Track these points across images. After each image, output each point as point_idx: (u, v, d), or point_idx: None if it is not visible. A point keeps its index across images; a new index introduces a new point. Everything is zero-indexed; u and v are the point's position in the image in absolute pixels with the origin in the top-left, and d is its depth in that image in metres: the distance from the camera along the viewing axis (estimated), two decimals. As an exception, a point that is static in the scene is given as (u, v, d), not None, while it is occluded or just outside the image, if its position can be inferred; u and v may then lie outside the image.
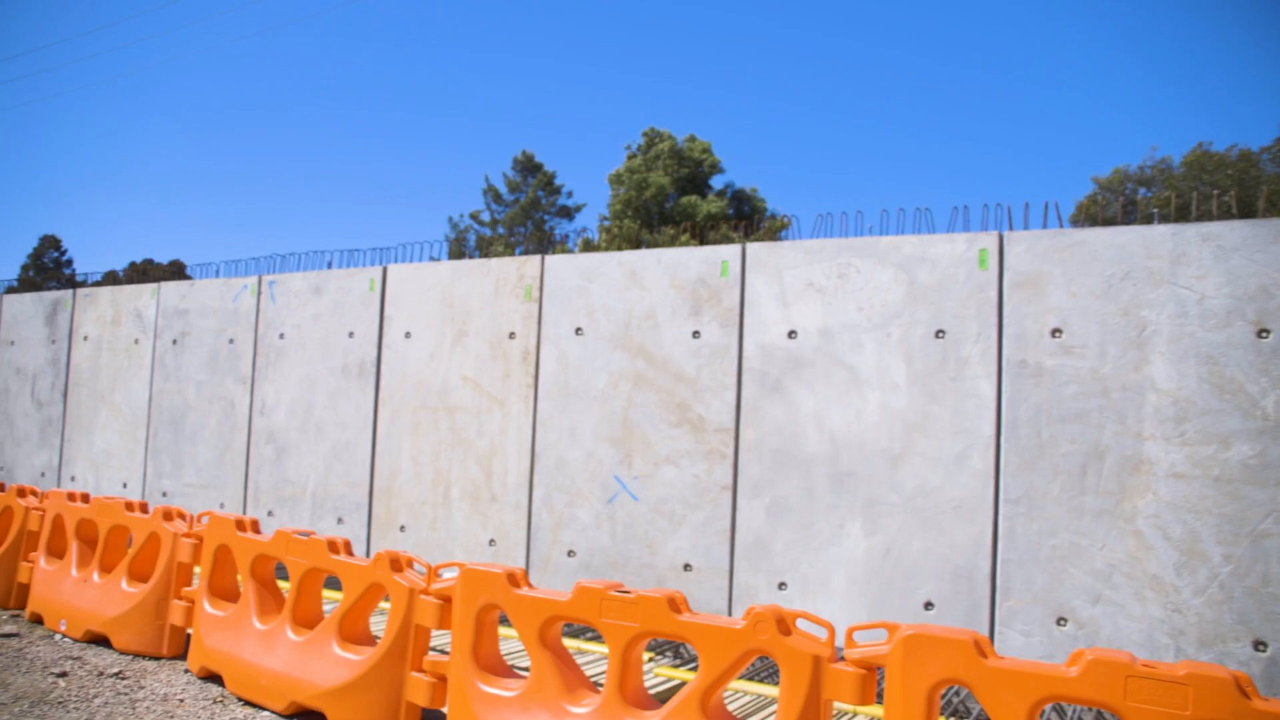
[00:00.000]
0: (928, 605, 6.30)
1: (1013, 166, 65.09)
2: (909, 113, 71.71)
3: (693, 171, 36.14)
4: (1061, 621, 5.88)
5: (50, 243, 51.97)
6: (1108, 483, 5.85)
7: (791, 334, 6.94)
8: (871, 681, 3.50)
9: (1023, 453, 6.12)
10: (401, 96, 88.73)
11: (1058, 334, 6.08)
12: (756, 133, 71.01)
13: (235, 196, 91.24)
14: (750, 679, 5.69)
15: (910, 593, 6.37)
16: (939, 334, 6.45)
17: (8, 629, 6.36)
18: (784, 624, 3.66)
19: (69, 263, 52.14)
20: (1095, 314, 5.99)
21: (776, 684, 4.99)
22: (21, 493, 7.29)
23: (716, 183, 37.30)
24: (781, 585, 6.80)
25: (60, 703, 4.88)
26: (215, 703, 5.02)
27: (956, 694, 5.58)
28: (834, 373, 6.76)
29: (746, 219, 32.44)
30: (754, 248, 7.24)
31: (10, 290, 13.72)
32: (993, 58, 71.20)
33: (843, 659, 3.56)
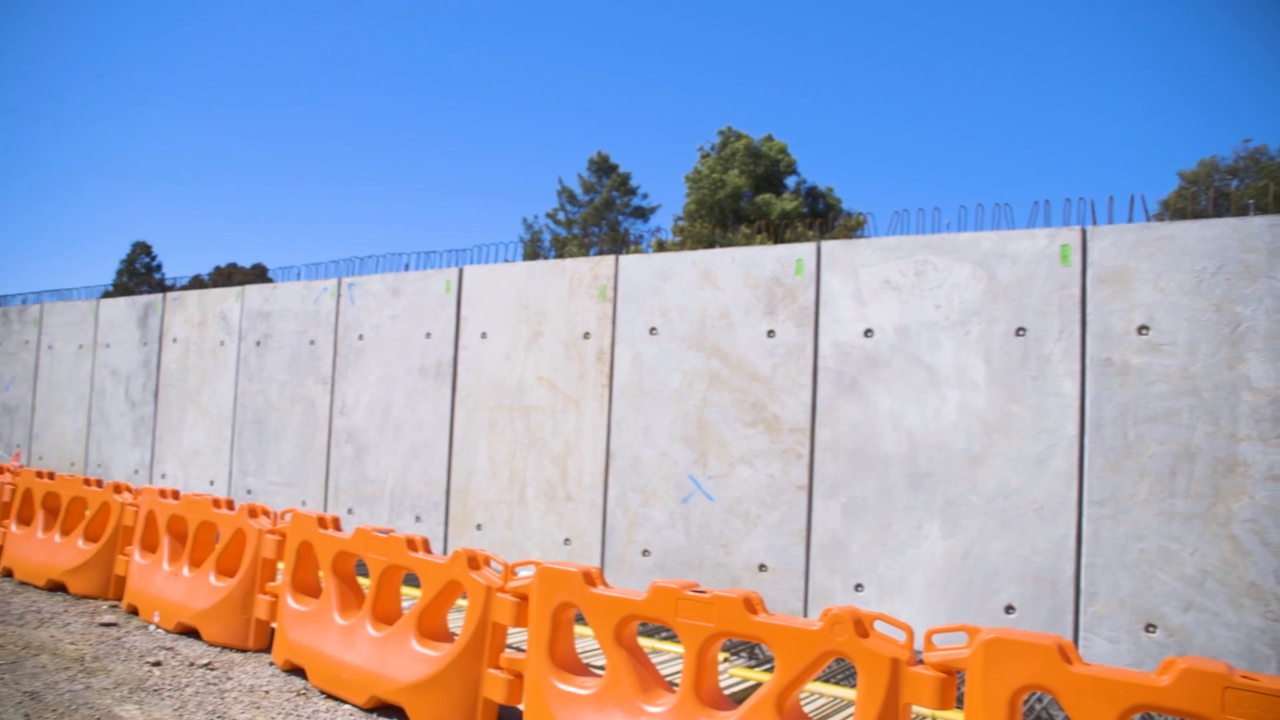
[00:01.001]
0: (1008, 609, 6.16)
1: (1093, 165, 63.26)
2: (986, 113, 70.25)
3: (768, 171, 35.91)
4: (1150, 628, 5.70)
5: (142, 249, 53.87)
6: (1199, 485, 5.65)
7: (868, 333, 6.85)
8: (951, 686, 3.44)
9: (1108, 453, 5.95)
10: (477, 98, 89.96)
11: (1144, 331, 5.90)
12: (832, 132, 70.28)
13: (314, 201, 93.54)
14: (826, 681, 5.63)
15: (990, 596, 6.24)
16: (1019, 332, 6.30)
17: (107, 619, 6.61)
18: (861, 626, 3.61)
19: (159, 268, 54.00)
20: (1185, 310, 5.79)
21: (853, 687, 4.93)
22: (117, 489, 7.57)
23: (791, 183, 37.04)
24: (858, 587, 6.72)
25: (155, 690, 5.06)
26: (299, 695, 5.15)
27: (1039, 700, 5.45)
28: (911, 372, 6.66)
29: (821, 217, 32.11)
30: (829, 246, 7.17)
31: (106, 295, 14.27)
32: (1068, 60, 69.32)
33: (921, 662, 3.50)
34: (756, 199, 34.54)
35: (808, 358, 7.10)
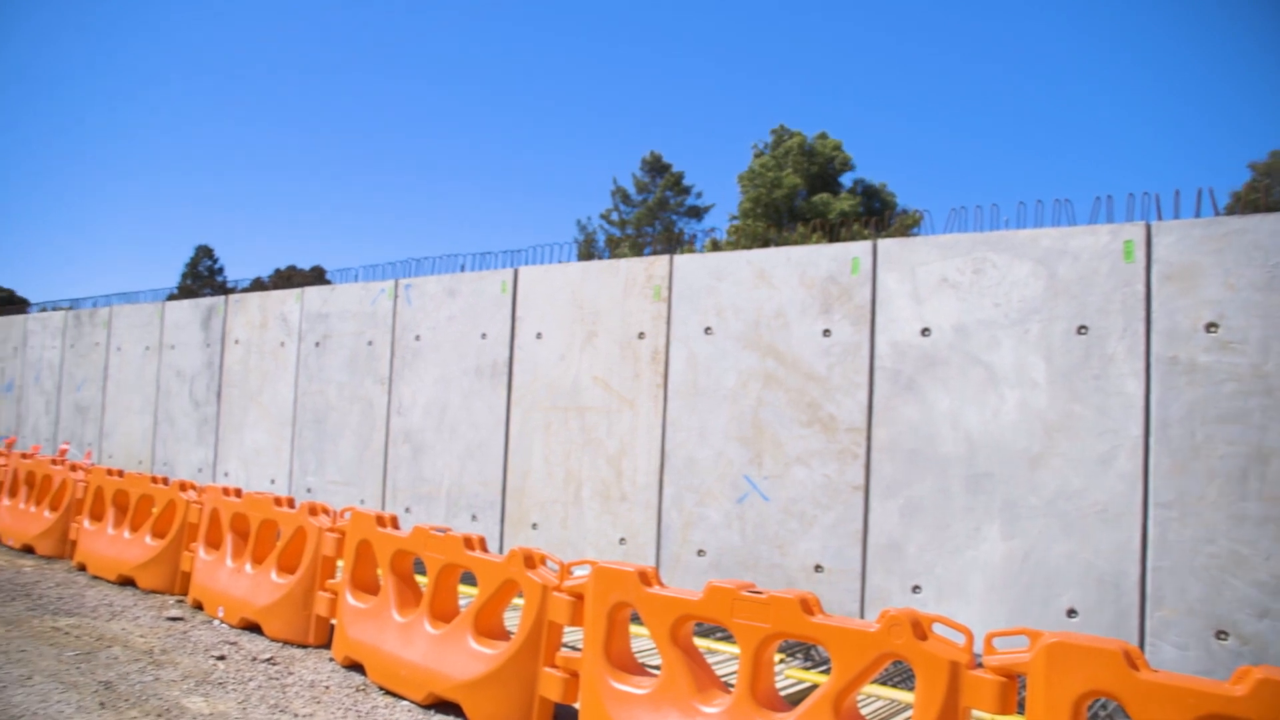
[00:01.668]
0: (1070, 613, 6.04)
1: (1157, 161, 61.65)
2: (1045, 105, 68.89)
3: (822, 170, 35.64)
4: (1221, 635, 5.55)
5: (204, 252, 55.07)
6: (1273, 487, 5.48)
7: (925, 331, 6.76)
8: (1012, 690, 3.38)
9: (1174, 454, 5.80)
10: (530, 99, 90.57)
11: (1213, 329, 5.74)
12: (886, 128, 69.48)
13: (371, 203, 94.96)
14: (884, 684, 5.58)
15: (1051, 599, 6.12)
16: (1081, 330, 6.17)
17: (174, 613, 6.78)
18: (919, 628, 3.57)
19: (220, 270, 55.15)
20: (1257, 307, 5.62)
21: (912, 690, 4.87)
22: (182, 487, 7.76)
23: (846, 180, 36.73)
24: (915, 588, 6.64)
25: (220, 683, 5.17)
26: (358, 691, 5.23)
27: (1103, 707, 5.33)
28: (970, 371, 6.56)
29: (877, 215, 31.79)
30: (885, 244, 7.09)
31: (171, 297, 14.62)
32: (1133, 50, 67.76)
33: (981, 666, 3.45)
34: (813, 198, 34.29)
35: (864, 357, 7.03)
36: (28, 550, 9.04)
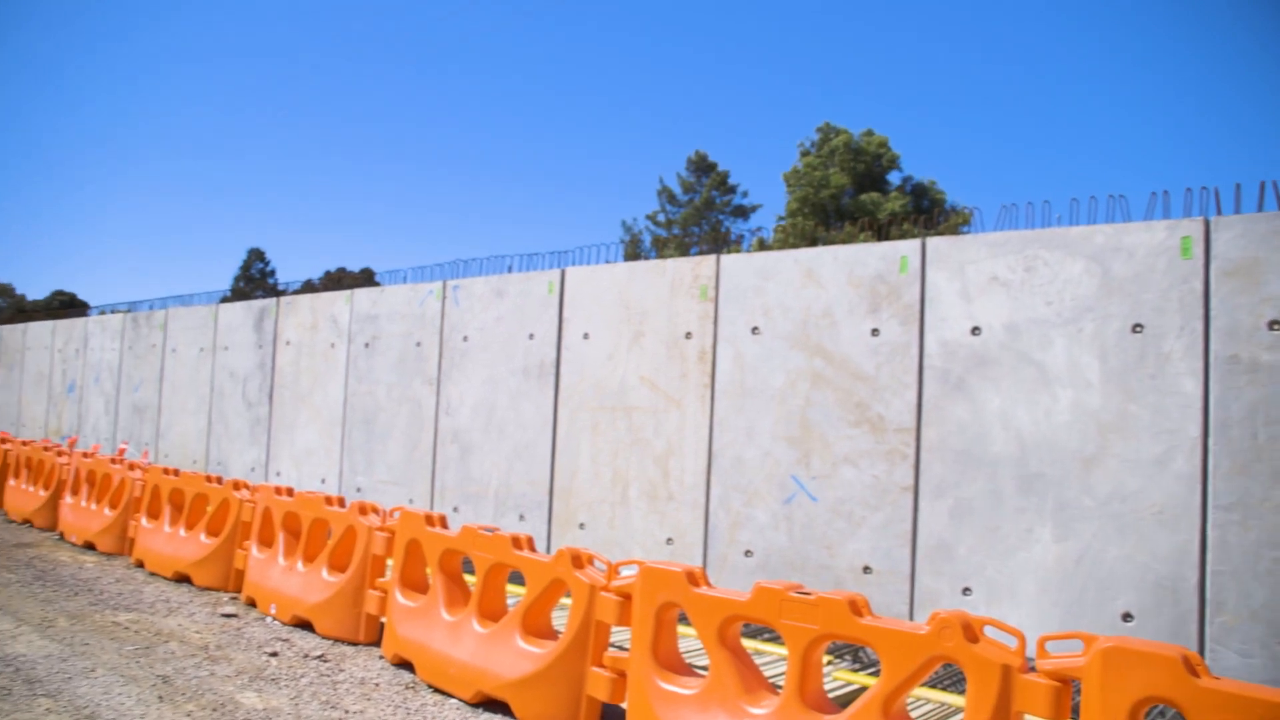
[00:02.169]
0: (1126, 617, 5.92)
1: (1214, 155, 60.10)
2: (1098, 102, 67.55)
3: (869, 168, 35.31)
4: (1283, 639, 5.40)
5: (256, 255, 56.02)
6: (1337, 489, 5.33)
7: (975, 330, 6.67)
8: (1066, 695, 3.32)
9: (1235, 455, 5.66)
10: (576, 99, 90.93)
11: (1276, 326, 5.59)
12: (933, 123, 68.63)
13: (419, 205, 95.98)
14: (933, 687, 5.51)
15: (1106, 603, 6.00)
16: (1136, 328, 6.05)
17: (228, 610, 6.90)
18: (970, 630, 3.52)
19: (272, 273, 56.07)
20: (1320, 304, 5.46)
21: (962, 693, 4.81)
22: (236, 486, 7.89)
23: (894, 179, 36.34)
24: (965, 590, 6.55)
25: (273, 679, 5.25)
26: (407, 688, 5.28)
27: (1161, 714, 5.22)
28: (1021, 370, 6.46)
29: (925, 213, 31.41)
30: (934, 242, 7.01)
31: (224, 300, 14.89)
32: (1187, 43, 66.24)
33: (1034, 670, 3.39)
34: (861, 197, 33.98)
35: (913, 356, 6.95)
36: (89, 547, 9.26)
